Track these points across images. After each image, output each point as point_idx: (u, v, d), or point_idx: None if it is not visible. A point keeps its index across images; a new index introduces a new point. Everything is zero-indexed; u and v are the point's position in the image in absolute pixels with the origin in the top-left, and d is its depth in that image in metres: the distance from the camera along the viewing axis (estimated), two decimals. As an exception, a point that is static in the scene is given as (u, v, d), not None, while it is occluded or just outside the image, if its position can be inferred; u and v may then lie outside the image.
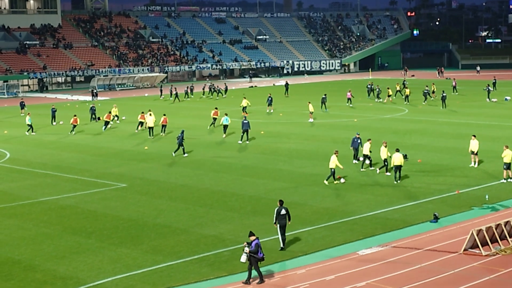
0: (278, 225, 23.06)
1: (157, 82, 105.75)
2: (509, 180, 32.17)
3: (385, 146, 34.73)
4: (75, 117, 53.55)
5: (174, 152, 41.77)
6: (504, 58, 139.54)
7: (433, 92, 72.70)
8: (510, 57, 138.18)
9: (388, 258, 21.80)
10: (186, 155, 41.56)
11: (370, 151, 35.65)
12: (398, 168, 32.70)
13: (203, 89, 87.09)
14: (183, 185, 33.68)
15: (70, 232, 25.81)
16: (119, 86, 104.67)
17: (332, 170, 32.79)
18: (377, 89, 73.44)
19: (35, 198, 31.64)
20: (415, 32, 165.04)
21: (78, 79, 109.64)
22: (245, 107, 62.16)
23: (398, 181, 32.63)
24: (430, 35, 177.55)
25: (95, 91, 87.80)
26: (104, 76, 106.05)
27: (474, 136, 36.32)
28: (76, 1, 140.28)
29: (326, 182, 32.90)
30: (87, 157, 42.44)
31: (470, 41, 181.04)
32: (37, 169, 39.02)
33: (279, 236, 23.11)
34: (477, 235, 21.91)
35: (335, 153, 32.97)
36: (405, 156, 36.99)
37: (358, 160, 37.50)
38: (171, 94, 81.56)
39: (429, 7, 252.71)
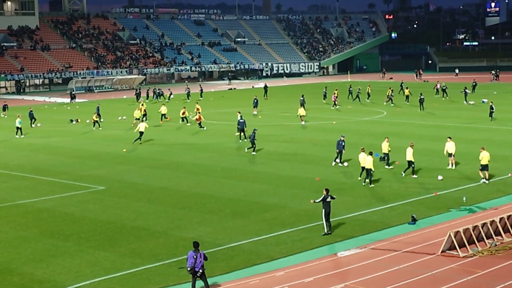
0: (323, 211, 24.40)
1: (135, 84, 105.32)
2: (485, 181, 32.44)
3: (412, 147, 34.44)
4: (95, 114, 57.07)
5: (247, 149, 42.94)
6: (481, 61, 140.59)
7: (368, 95, 74.56)
8: (487, 60, 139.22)
9: (366, 260, 21.88)
10: (254, 153, 42.15)
11: (389, 150, 36.22)
12: (368, 171, 32.71)
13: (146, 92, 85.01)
14: (162, 187, 33.56)
15: (47, 235, 25.61)
16: (97, 88, 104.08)
17: (364, 168, 32.87)
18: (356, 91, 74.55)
19: (12, 201, 31.34)
20: (393, 35, 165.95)
21: (55, 81, 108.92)
22: (164, 114, 60.00)
23: (371, 185, 32.51)
24: (408, 38, 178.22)
25: (73, 93, 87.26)
26: (82, 78, 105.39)
27: (450, 138, 36.53)
28: (54, 2, 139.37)
29: (364, 183, 32.77)
30: (65, 160, 42.14)
31: (447, 44, 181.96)
32: (14, 171, 38.67)
33: (324, 222, 24.48)
34: (455, 236, 22.05)
35: (362, 151, 33.08)
36: (382, 158, 37.18)
37: (342, 163, 37.45)
38: (148, 96, 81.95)
39: (407, 10, 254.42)
